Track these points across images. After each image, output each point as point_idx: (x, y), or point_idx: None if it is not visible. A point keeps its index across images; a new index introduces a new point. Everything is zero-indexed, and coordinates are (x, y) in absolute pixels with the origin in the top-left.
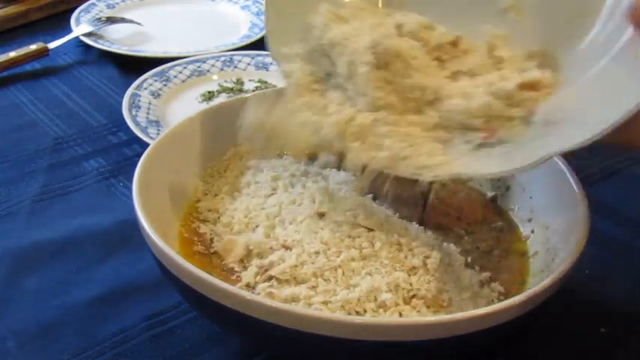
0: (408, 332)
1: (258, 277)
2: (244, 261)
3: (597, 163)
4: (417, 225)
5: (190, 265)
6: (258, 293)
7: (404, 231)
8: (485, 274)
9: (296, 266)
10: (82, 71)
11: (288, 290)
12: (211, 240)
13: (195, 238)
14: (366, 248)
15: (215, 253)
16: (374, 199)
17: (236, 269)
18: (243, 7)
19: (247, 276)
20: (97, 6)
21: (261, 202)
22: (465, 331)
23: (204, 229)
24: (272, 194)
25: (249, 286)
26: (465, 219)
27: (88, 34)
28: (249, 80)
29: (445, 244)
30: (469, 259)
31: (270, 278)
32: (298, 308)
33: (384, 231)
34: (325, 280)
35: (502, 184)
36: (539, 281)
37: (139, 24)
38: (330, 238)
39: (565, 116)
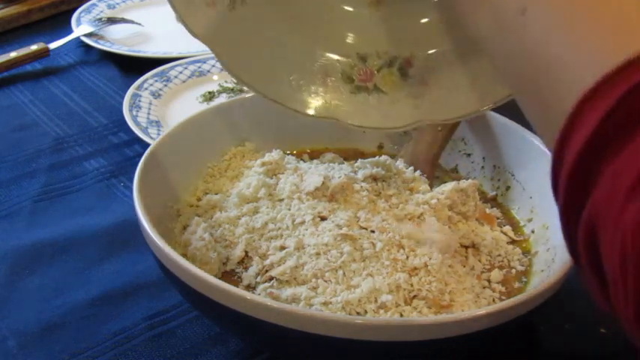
0: (408, 332)
1: (259, 278)
2: (245, 262)
3: None
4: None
5: (191, 265)
6: (259, 294)
7: (405, 232)
8: (487, 274)
9: (296, 267)
10: (82, 71)
11: (288, 291)
12: None
13: None
14: (367, 249)
15: None
16: None
17: (236, 270)
18: None
19: (248, 277)
20: (97, 6)
21: (261, 203)
22: (465, 331)
23: None
24: (272, 196)
25: (249, 287)
26: None
27: (89, 35)
28: None
29: (446, 243)
30: (471, 259)
31: (271, 279)
32: (299, 308)
33: (385, 232)
34: (326, 281)
35: (502, 184)
36: (539, 281)
37: (139, 24)
38: (330, 239)
39: (436, 82)
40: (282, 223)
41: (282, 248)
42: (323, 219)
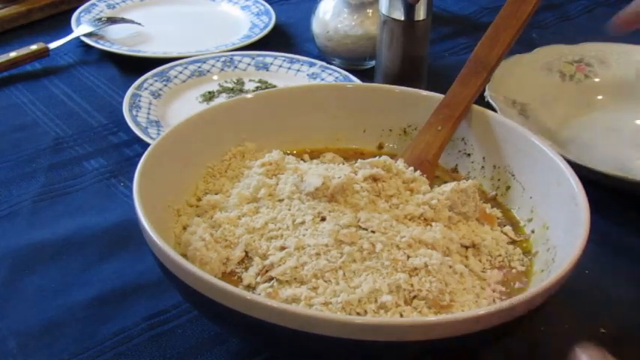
0: (408, 332)
1: (259, 278)
2: (245, 262)
3: None
4: (420, 226)
5: (191, 265)
6: (259, 294)
7: (405, 232)
8: (487, 275)
9: (296, 267)
10: (82, 71)
11: (288, 291)
12: None
13: None
14: (367, 250)
15: None
16: None
17: (237, 270)
18: (243, 8)
19: (248, 277)
20: (97, 6)
21: (261, 204)
22: (465, 331)
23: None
24: (272, 196)
25: (249, 287)
26: None
27: (89, 35)
28: (250, 80)
29: (446, 244)
30: (471, 260)
31: (271, 279)
32: (299, 308)
33: (386, 233)
34: (326, 281)
35: (502, 184)
36: (539, 281)
37: (139, 24)
38: (330, 240)
39: None
40: (283, 224)
41: (283, 248)
42: (323, 219)
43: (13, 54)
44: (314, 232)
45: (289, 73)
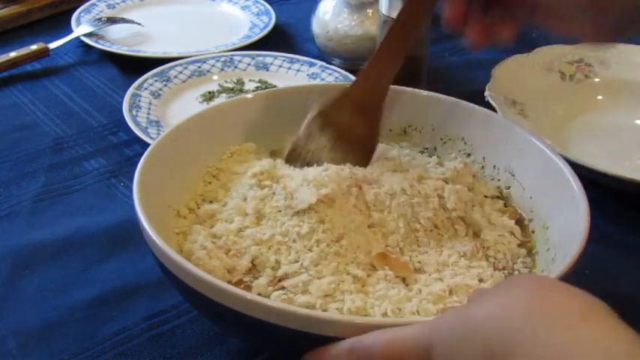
0: None
1: (270, 288)
2: (252, 272)
3: None
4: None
5: (190, 265)
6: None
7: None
8: (488, 274)
9: (310, 280)
10: (82, 71)
11: (303, 298)
12: None
13: None
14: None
15: None
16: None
17: (244, 279)
18: (243, 8)
19: (259, 285)
20: (97, 6)
21: (262, 215)
22: None
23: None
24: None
25: (260, 295)
26: None
27: (89, 35)
28: (250, 80)
29: (449, 244)
30: (472, 259)
31: (283, 288)
32: (298, 308)
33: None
34: (342, 291)
35: (502, 184)
36: None
37: (139, 24)
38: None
39: None
40: (289, 237)
41: (296, 262)
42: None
43: (13, 54)
44: (324, 256)
45: (289, 73)
